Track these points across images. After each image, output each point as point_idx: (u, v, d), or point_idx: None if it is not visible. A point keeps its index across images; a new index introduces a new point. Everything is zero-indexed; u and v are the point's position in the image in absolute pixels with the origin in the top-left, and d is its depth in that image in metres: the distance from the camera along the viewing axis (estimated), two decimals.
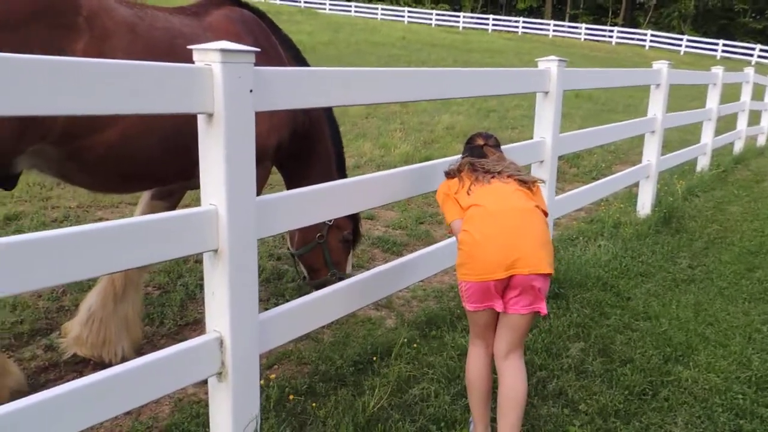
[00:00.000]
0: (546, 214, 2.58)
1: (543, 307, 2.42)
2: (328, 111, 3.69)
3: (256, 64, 2.06)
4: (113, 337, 3.13)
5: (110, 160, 2.53)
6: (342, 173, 3.80)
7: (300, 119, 3.38)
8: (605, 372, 3.27)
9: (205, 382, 2.28)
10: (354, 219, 3.82)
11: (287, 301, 3.87)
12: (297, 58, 3.49)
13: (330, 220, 3.59)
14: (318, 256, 3.74)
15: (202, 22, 2.93)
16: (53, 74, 1.62)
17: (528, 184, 2.58)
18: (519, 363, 2.47)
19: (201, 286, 4.01)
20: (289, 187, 3.73)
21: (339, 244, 3.79)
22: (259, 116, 2.11)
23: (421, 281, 3.89)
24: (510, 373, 2.44)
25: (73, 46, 2.30)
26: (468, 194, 2.52)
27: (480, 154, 2.70)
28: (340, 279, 3.54)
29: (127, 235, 1.84)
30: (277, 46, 3.27)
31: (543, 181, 2.76)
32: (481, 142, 2.76)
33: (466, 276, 2.42)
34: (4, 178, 2.47)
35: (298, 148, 3.49)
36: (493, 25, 42.93)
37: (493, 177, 2.55)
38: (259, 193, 2.39)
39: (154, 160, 2.67)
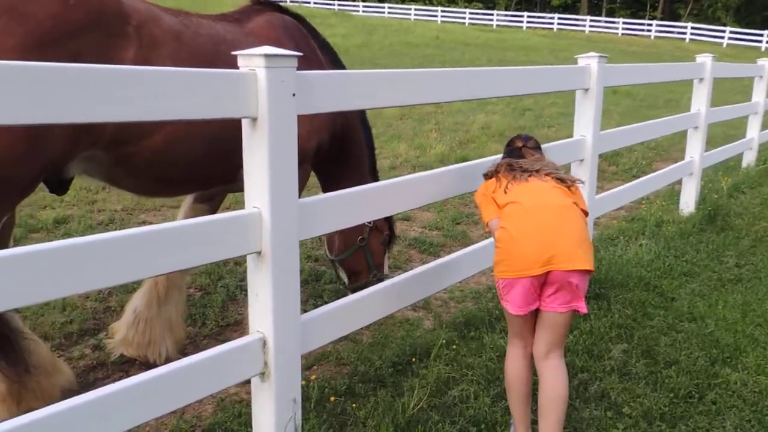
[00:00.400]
0: (586, 213, 2.56)
1: (582, 306, 2.40)
2: (361, 113, 3.72)
3: (296, 68, 2.09)
4: (158, 338, 3.21)
5: (156, 165, 2.59)
6: (374, 175, 3.82)
7: (338, 121, 3.41)
8: (649, 374, 3.21)
9: (248, 382, 2.31)
10: (389, 220, 3.83)
11: (325, 302, 3.91)
12: (334, 62, 3.52)
13: (370, 222, 3.61)
14: (360, 259, 3.75)
15: (245, 28, 2.98)
16: (108, 82, 1.68)
17: (566, 182, 2.57)
18: (559, 363, 2.44)
19: (241, 288, 4.08)
20: (325, 190, 3.76)
21: (380, 246, 3.81)
22: (300, 119, 2.14)
23: (459, 282, 3.87)
24: (550, 373, 2.42)
25: (123, 55, 2.37)
26: (505, 192, 2.53)
27: (519, 155, 2.71)
28: (380, 280, 3.56)
29: (176, 238, 1.88)
30: (316, 50, 3.31)
31: (582, 182, 2.75)
32: (519, 144, 2.77)
33: (503, 273, 2.42)
34: (58, 184, 2.55)
35: (336, 150, 3.51)
36: (528, 22, 42.46)
37: (530, 175, 2.55)
38: (299, 196, 2.41)
39: (197, 164, 2.73)
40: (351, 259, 3.77)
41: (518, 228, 2.38)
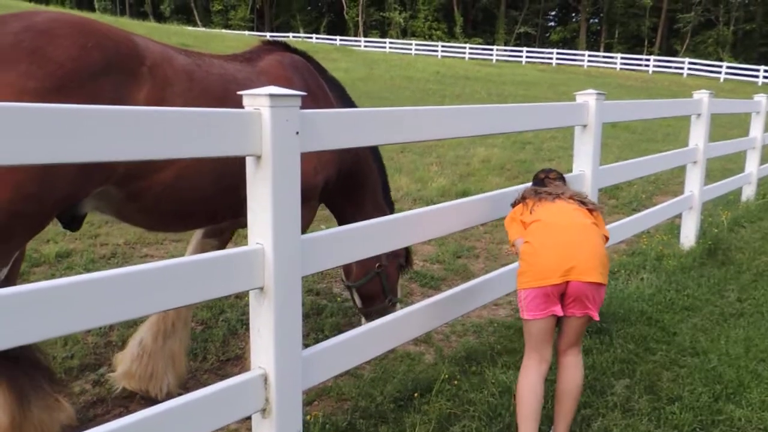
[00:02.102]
0: (607, 237, 2.84)
1: (594, 314, 2.66)
2: (373, 146, 3.79)
3: (305, 106, 2.15)
4: (160, 372, 3.20)
5: (166, 200, 2.65)
6: (390, 207, 3.92)
7: (347, 157, 3.47)
8: (652, 410, 3.19)
9: (249, 418, 2.31)
10: None
11: (326, 336, 3.90)
12: (342, 98, 3.63)
13: None
14: (377, 284, 3.81)
15: (255, 68, 3.08)
16: (120, 122, 1.73)
17: (587, 205, 2.85)
18: (576, 358, 2.77)
19: (242, 322, 4.07)
20: (340, 223, 3.81)
21: (395, 271, 3.89)
22: (306, 155, 2.19)
23: (461, 316, 3.87)
24: (567, 367, 2.75)
25: (137, 94, 2.45)
26: (531, 213, 2.81)
27: (542, 185, 3.03)
28: (393, 304, 3.76)
29: (180, 275, 1.90)
30: (324, 88, 3.41)
31: (602, 208, 2.99)
32: (542, 176, 3.11)
33: (525, 284, 2.65)
34: (71, 220, 2.60)
35: (347, 184, 3.58)
36: (527, 57, 43.06)
37: (556, 197, 2.83)
38: (304, 232, 2.44)
39: (207, 199, 2.77)
40: (368, 285, 3.82)
41: (541, 242, 2.64)
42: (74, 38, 2.30)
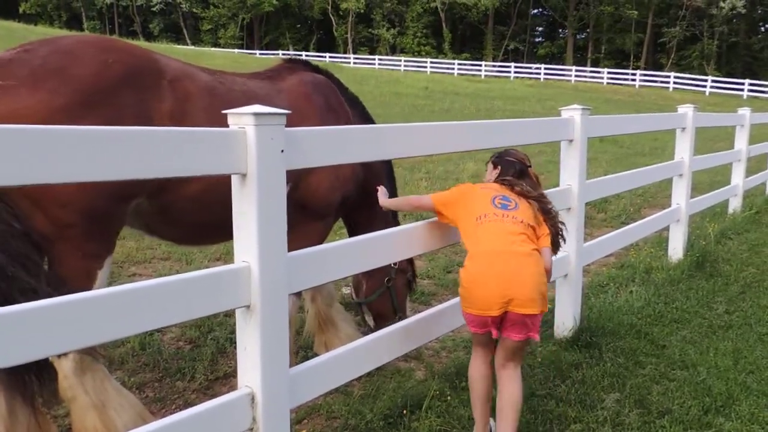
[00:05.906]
0: (548, 270, 2.79)
1: (534, 336, 2.73)
2: (387, 162, 3.83)
3: (326, 122, 2.17)
4: None
5: (193, 212, 2.75)
6: (396, 222, 3.93)
7: (361, 175, 3.51)
8: (643, 424, 3.18)
9: None
10: (410, 260, 3.95)
11: (315, 353, 3.88)
12: (362, 114, 3.71)
13: (395, 264, 3.69)
14: (386, 300, 3.84)
15: (277, 85, 3.18)
16: (107, 142, 1.72)
17: (536, 231, 2.81)
18: (515, 372, 2.80)
19: (231, 341, 4.04)
20: (351, 236, 3.83)
21: (403, 287, 3.91)
22: (323, 172, 2.21)
23: (451, 331, 3.86)
24: (506, 381, 2.79)
25: (160, 107, 2.56)
26: (478, 220, 2.75)
27: (521, 174, 2.99)
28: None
29: (165, 294, 1.89)
30: (344, 104, 3.50)
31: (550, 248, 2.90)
32: (528, 162, 3.07)
33: (467, 308, 2.73)
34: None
35: (361, 201, 3.61)
36: (515, 72, 43.41)
37: (505, 215, 2.76)
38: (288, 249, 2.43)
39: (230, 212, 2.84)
40: (378, 301, 3.85)
41: (481, 272, 2.67)
42: (96, 56, 2.44)
